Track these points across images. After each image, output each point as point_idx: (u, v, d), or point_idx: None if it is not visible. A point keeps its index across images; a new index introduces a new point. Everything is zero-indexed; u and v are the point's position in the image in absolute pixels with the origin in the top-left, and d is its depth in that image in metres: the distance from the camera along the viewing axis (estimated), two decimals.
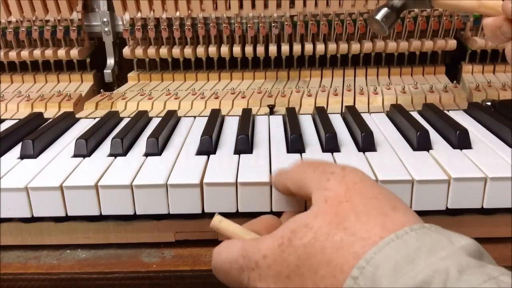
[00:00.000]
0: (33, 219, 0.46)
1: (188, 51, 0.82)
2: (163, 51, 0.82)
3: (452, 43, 0.81)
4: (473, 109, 0.64)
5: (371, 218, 0.30)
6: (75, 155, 0.52)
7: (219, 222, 0.39)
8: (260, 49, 0.82)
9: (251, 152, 0.51)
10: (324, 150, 0.51)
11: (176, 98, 0.74)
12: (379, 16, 0.57)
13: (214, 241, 0.48)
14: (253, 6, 0.80)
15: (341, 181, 0.33)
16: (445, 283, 0.24)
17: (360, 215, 0.30)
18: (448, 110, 0.65)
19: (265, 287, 0.32)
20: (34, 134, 0.55)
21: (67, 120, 0.64)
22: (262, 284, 0.32)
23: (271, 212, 0.45)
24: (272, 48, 0.82)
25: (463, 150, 0.50)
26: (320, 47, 0.81)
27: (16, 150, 0.54)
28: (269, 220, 0.40)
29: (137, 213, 0.45)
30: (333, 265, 0.28)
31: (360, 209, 0.30)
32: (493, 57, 0.83)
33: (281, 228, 0.33)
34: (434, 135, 0.54)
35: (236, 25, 0.81)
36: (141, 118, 0.62)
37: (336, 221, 0.30)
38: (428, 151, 0.50)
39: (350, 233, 0.29)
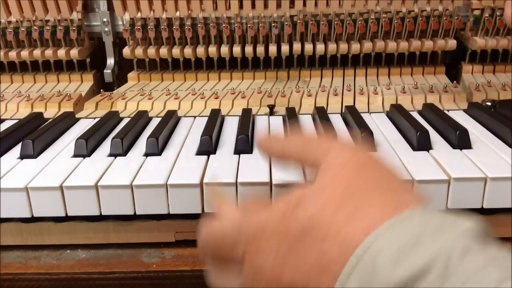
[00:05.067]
0: (33, 219, 0.46)
1: (188, 51, 0.82)
2: (163, 51, 0.82)
3: (452, 43, 0.80)
4: (473, 109, 0.64)
5: (381, 196, 0.29)
6: (75, 155, 0.52)
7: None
8: (260, 49, 0.82)
9: (251, 152, 0.51)
10: None
11: (176, 98, 0.74)
12: None
13: None
14: (253, 6, 0.80)
15: (352, 157, 0.32)
16: (446, 267, 0.24)
17: (370, 193, 0.29)
18: (448, 110, 0.65)
19: (264, 261, 0.30)
20: (34, 134, 0.55)
21: (67, 120, 0.64)
22: (261, 257, 0.30)
23: None
24: (272, 48, 0.82)
25: (463, 150, 0.50)
26: (320, 47, 0.81)
27: (16, 150, 0.54)
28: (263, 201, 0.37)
29: (137, 213, 0.45)
30: (340, 237, 0.27)
31: (370, 187, 0.30)
32: (493, 57, 0.82)
33: (282, 200, 0.31)
34: (434, 135, 0.54)
35: (236, 25, 0.81)
36: (141, 118, 0.62)
37: (344, 197, 0.29)
38: (428, 151, 0.50)
39: (359, 210, 0.28)
